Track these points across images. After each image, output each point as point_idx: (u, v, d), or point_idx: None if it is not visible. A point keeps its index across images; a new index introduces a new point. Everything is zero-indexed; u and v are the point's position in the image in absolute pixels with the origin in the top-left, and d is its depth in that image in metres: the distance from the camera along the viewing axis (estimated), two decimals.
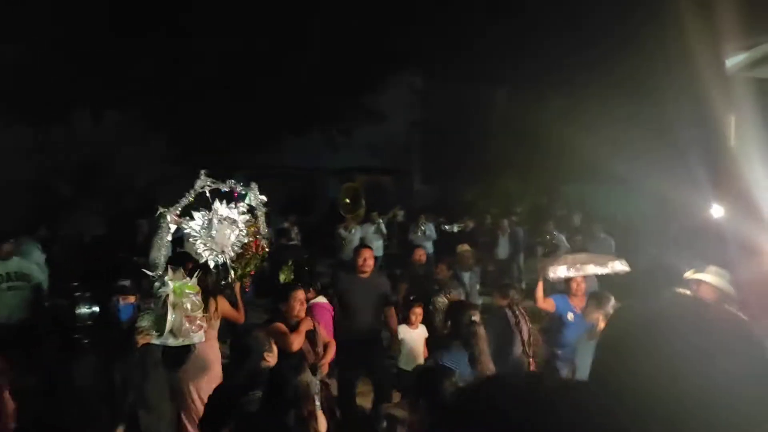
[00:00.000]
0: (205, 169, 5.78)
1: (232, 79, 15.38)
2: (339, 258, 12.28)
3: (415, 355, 6.23)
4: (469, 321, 4.51)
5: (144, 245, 9.46)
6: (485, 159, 19.17)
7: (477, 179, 19.10)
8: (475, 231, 13.85)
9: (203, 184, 5.59)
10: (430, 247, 12.87)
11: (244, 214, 5.80)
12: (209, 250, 5.59)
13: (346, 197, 10.86)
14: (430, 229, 13.28)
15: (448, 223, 14.67)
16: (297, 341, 4.76)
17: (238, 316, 5.60)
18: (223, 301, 5.30)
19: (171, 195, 5.74)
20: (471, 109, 20.29)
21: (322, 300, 6.17)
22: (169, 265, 4.51)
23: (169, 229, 5.48)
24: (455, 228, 13.25)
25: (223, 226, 5.62)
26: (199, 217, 5.58)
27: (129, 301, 4.59)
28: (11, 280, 6.81)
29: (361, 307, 6.10)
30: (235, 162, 14.07)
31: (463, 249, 9.23)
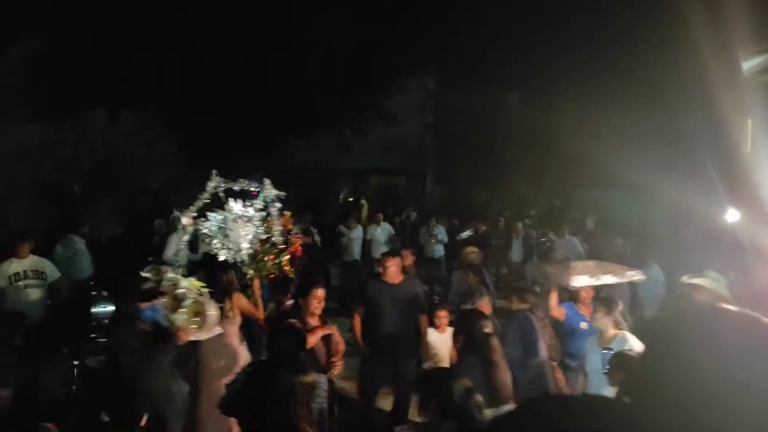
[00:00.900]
0: (219, 171, 5.84)
1: (245, 80, 15.44)
2: (342, 260, 12.33)
3: (440, 359, 6.18)
4: (483, 333, 4.47)
5: (160, 245, 9.53)
6: (498, 162, 19.15)
7: (490, 182, 19.07)
8: (488, 234, 13.80)
9: (215, 184, 5.68)
10: (441, 251, 12.85)
11: (260, 211, 5.85)
12: (225, 249, 5.64)
13: (348, 198, 10.96)
14: (442, 232, 13.23)
15: (460, 225, 14.65)
16: (311, 340, 4.81)
17: (257, 313, 5.66)
18: (241, 298, 5.37)
19: (184, 196, 5.80)
20: (485, 113, 20.28)
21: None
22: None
23: (185, 232, 5.55)
24: (464, 234, 13.19)
25: (238, 225, 5.67)
26: (213, 217, 5.64)
27: (153, 303, 4.62)
28: (27, 278, 6.91)
29: (387, 314, 6.02)
30: (247, 164, 14.12)
31: (468, 250, 9.21)
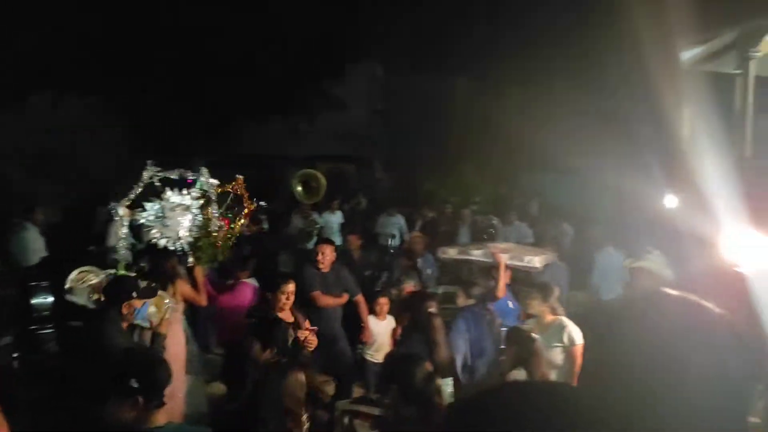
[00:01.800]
0: (163, 157, 5.76)
1: (192, 66, 15.06)
2: (298, 247, 12.17)
3: (380, 346, 6.28)
4: (427, 313, 4.52)
5: (102, 234, 9.29)
6: (446, 149, 19.28)
7: (437, 168, 19.19)
8: (435, 221, 13.89)
9: (151, 174, 5.62)
10: (396, 239, 12.88)
11: (198, 199, 5.82)
12: (165, 237, 5.64)
13: (298, 184, 10.79)
14: (400, 222, 13.23)
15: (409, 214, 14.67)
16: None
17: (199, 299, 5.68)
18: (184, 285, 5.39)
19: (128, 183, 5.71)
20: (432, 100, 20.35)
21: (249, 281, 6.33)
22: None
23: (123, 223, 5.48)
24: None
25: (176, 213, 5.62)
26: (150, 207, 5.60)
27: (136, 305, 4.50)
28: None
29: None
30: (195, 150, 13.81)
31: (413, 236, 9.34)
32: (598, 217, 14.53)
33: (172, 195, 5.65)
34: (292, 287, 5.05)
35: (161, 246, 5.60)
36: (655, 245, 8.40)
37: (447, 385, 4.02)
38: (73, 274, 4.83)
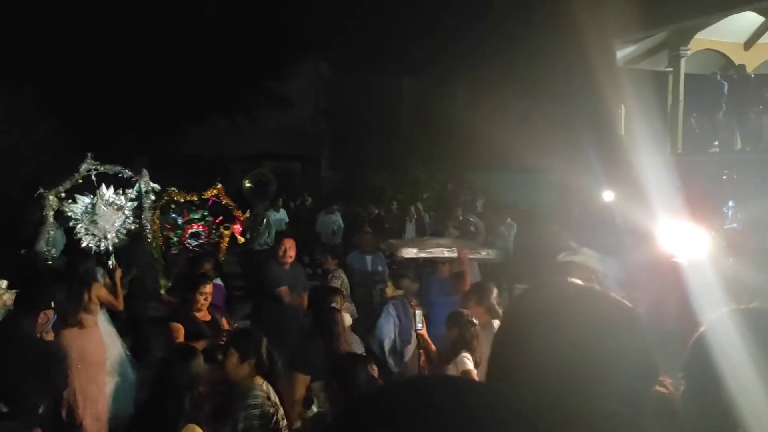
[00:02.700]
0: (102, 156, 5.57)
1: (130, 62, 14.65)
2: (247, 247, 12.00)
3: None
4: (328, 307, 4.53)
5: (33, 236, 8.91)
6: (392, 146, 19.37)
7: (384, 166, 19.26)
8: (381, 217, 13.95)
9: (89, 167, 5.48)
10: (339, 237, 12.88)
11: (132, 200, 5.69)
12: (90, 234, 5.48)
13: (251, 183, 10.61)
14: (338, 220, 13.23)
15: (354, 210, 14.66)
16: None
17: (116, 303, 5.48)
18: (99, 288, 5.20)
19: (60, 183, 5.51)
20: (378, 98, 20.41)
21: (217, 281, 6.23)
22: None
23: (52, 210, 5.28)
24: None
25: (108, 211, 5.47)
26: (81, 200, 5.43)
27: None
28: None
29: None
30: (132, 149, 13.43)
31: (360, 234, 9.34)
32: (539, 214, 14.88)
33: (107, 192, 5.50)
34: (209, 288, 5.09)
35: (84, 244, 5.45)
36: (593, 239, 8.65)
37: None
38: None
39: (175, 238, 6.21)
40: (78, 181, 5.43)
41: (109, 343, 5.14)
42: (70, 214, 5.41)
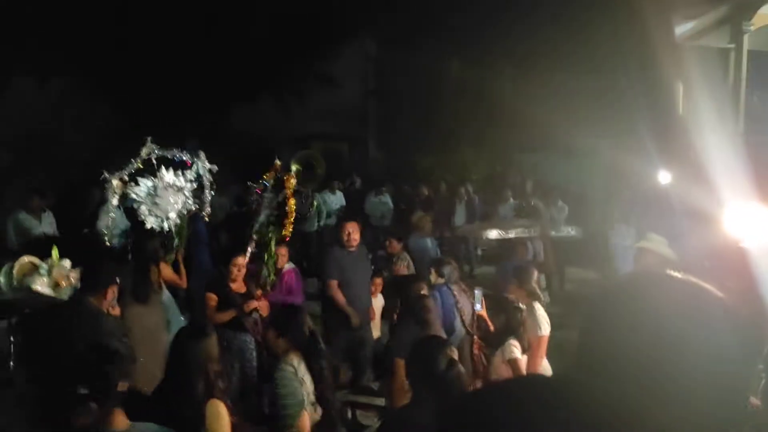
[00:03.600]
0: (154, 137, 5.68)
1: (181, 45, 14.85)
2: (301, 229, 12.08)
3: (376, 324, 6.37)
4: (418, 294, 4.50)
5: (94, 216, 9.21)
6: (441, 127, 19.20)
7: (432, 147, 19.13)
8: (431, 199, 13.87)
9: (149, 150, 5.58)
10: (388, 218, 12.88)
11: (191, 182, 5.81)
12: (153, 216, 5.63)
13: (298, 164, 10.54)
14: (387, 201, 13.21)
15: (403, 192, 14.63)
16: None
17: (180, 282, 5.73)
18: (165, 267, 5.46)
19: (118, 166, 5.67)
20: (426, 78, 20.20)
21: (291, 265, 6.33)
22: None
23: (115, 194, 5.44)
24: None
25: (168, 193, 5.62)
26: (143, 182, 5.58)
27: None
28: None
29: (354, 282, 6.04)
30: (184, 129, 13.66)
31: (419, 216, 9.29)
32: (590, 197, 14.57)
33: (167, 174, 5.62)
34: (242, 260, 5.30)
35: (147, 225, 5.59)
36: (650, 223, 8.42)
37: None
38: (19, 264, 4.54)
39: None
40: (139, 165, 5.55)
41: (172, 321, 5.29)
42: (134, 196, 5.55)
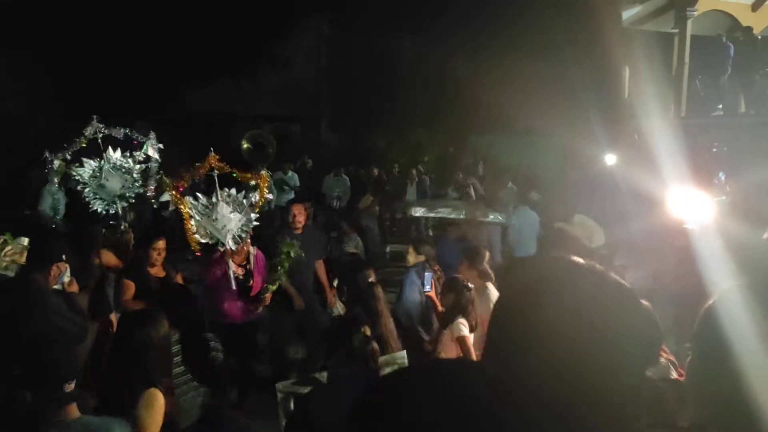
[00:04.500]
0: (103, 116, 5.48)
1: (132, 23, 14.41)
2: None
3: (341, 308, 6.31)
4: (366, 283, 4.53)
5: (36, 198, 8.92)
6: (394, 109, 19.21)
7: (386, 129, 19.14)
8: (382, 180, 13.91)
9: (94, 130, 5.33)
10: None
11: (140, 163, 5.60)
12: (99, 199, 5.42)
13: (248, 144, 10.36)
14: (345, 183, 13.17)
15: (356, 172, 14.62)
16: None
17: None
18: (108, 254, 5.18)
19: (63, 145, 5.43)
20: (380, 59, 20.15)
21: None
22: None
23: (57, 175, 5.23)
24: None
25: (116, 175, 5.40)
26: (89, 164, 5.35)
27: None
28: None
29: (299, 264, 5.84)
30: (134, 110, 13.31)
31: (366, 200, 9.30)
32: (540, 178, 14.85)
33: (114, 155, 5.42)
34: (162, 243, 5.10)
35: (93, 208, 5.41)
36: (594, 205, 8.65)
37: (401, 359, 4.01)
38: None
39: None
40: (83, 144, 5.33)
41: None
42: (77, 177, 5.34)
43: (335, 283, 6.45)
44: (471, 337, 4.22)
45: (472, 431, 0.83)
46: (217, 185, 5.03)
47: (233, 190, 5.12)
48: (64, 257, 4.00)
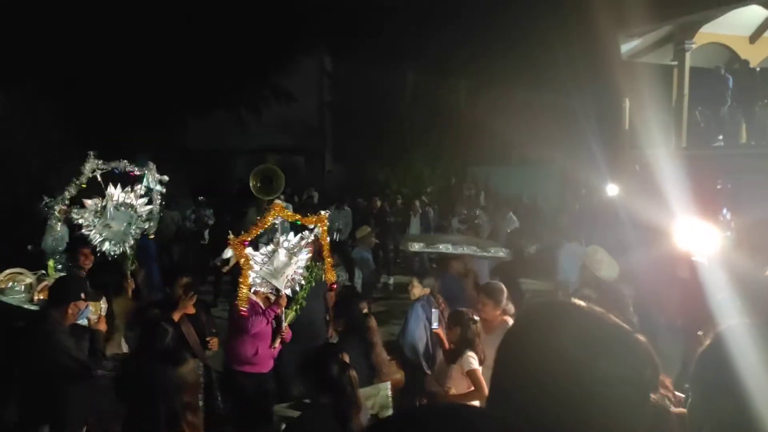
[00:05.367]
0: (103, 151, 5.39)
1: (135, 57, 14.61)
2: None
3: None
4: (360, 314, 4.51)
5: (40, 232, 8.93)
6: (396, 140, 19.35)
7: (388, 160, 19.25)
8: (385, 211, 13.90)
9: (93, 167, 5.17)
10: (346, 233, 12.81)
11: (142, 197, 5.45)
12: (106, 240, 5.20)
13: (255, 180, 10.34)
14: (347, 215, 13.15)
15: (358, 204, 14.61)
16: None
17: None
18: (126, 301, 5.11)
19: (66, 178, 5.34)
20: (382, 91, 20.36)
21: None
22: None
23: (59, 220, 5.15)
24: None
25: (120, 213, 5.23)
26: (91, 204, 5.15)
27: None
28: None
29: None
30: (137, 144, 13.42)
31: (362, 230, 9.32)
32: (541, 209, 14.87)
33: (116, 192, 5.22)
34: (186, 280, 4.86)
35: (103, 248, 5.21)
36: (598, 235, 8.63)
37: (385, 389, 3.96)
38: (1, 275, 4.58)
39: None
40: (83, 185, 5.15)
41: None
42: (81, 221, 5.13)
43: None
44: (480, 370, 4.17)
45: None
46: (279, 232, 4.85)
47: (291, 234, 4.94)
48: (83, 296, 4.06)
